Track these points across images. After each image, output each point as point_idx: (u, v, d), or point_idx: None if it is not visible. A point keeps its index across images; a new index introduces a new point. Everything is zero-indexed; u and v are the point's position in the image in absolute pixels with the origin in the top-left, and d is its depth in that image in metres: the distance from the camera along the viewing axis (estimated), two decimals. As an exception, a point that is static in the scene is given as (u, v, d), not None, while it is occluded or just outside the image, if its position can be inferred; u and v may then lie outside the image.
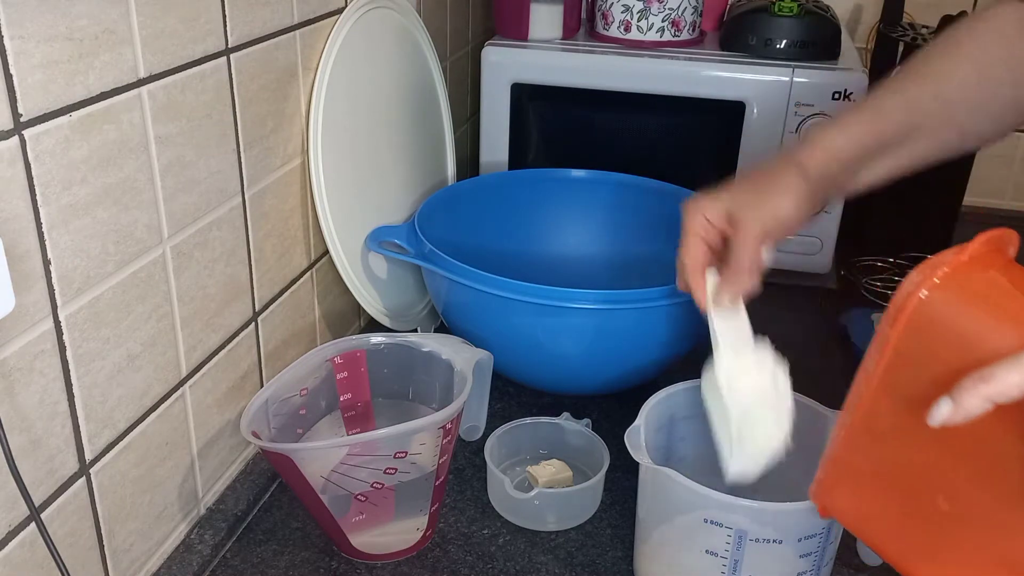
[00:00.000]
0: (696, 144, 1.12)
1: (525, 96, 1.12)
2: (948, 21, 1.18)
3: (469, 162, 1.30)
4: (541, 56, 1.10)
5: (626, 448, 0.62)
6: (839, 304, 1.07)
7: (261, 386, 0.77)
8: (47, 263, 0.51)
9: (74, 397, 0.55)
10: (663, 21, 1.12)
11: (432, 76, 1.02)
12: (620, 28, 1.13)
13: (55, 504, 0.55)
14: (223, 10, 0.65)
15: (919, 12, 1.32)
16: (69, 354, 0.54)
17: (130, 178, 0.57)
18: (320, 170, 0.80)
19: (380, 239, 0.86)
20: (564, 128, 1.15)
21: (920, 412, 0.47)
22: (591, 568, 0.69)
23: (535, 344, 0.81)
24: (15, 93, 0.47)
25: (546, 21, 1.13)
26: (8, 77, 0.47)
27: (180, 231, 0.63)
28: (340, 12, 0.83)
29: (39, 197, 0.50)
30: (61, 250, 0.52)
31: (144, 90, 0.58)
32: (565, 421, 0.79)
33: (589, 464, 0.77)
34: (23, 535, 0.52)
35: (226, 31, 0.66)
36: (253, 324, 0.76)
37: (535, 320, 0.78)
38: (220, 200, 0.68)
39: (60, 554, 0.49)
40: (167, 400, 0.65)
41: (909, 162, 0.71)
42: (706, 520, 0.59)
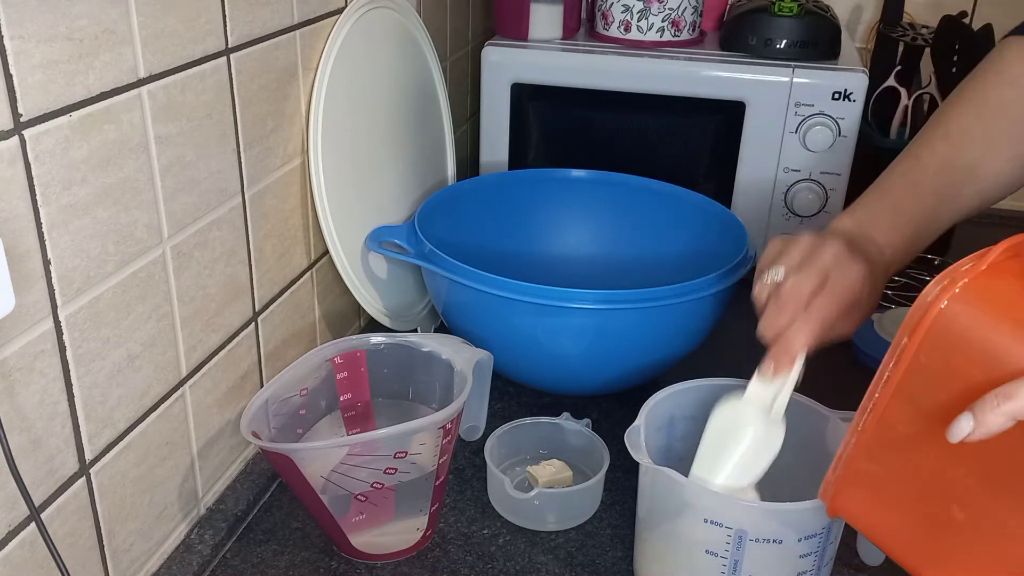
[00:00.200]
0: (696, 144, 1.12)
1: (525, 96, 1.12)
2: (948, 21, 1.18)
3: (469, 162, 1.30)
4: (541, 56, 1.10)
5: (626, 448, 0.62)
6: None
7: (261, 386, 0.77)
8: (47, 263, 0.51)
9: (74, 397, 0.55)
10: (663, 21, 1.12)
11: (432, 76, 1.02)
12: (620, 28, 1.13)
13: (55, 504, 0.55)
14: (223, 10, 0.65)
15: (919, 12, 1.32)
16: (69, 354, 0.54)
17: (130, 178, 0.57)
18: (320, 170, 0.80)
19: (380, 239, 0.86)
20: (564, 128, 1.15)
21: (937, 422, 0.47)
22: (591, 568, 0.69)
23: (535, 344, 0.81)
24: (15, 93, 0.47)
25: (546, 21, 1.13)
26: (8, 77, 0.47)
27: (180, 231, 0.63)
28: (340, 12, 0.83)
29: (39, 197, 0.50)
30: (61, 250, 0.52)
31: (144, 90, 0.58)
32: (565, 421, 0.80)
33: (589, 464, 0.77)
34: (23, 535, 0.52)
35: (226, 31, 0.66)
36: (253, 324, 0.76)
37: (535, 320, 0.78)
38: (220, 200, 0.68)
39: (60, 554, 0.49)
40: (167, 400, 0.65)
41: (935, 238, 0.74)
42: (706, 520, 0.59)
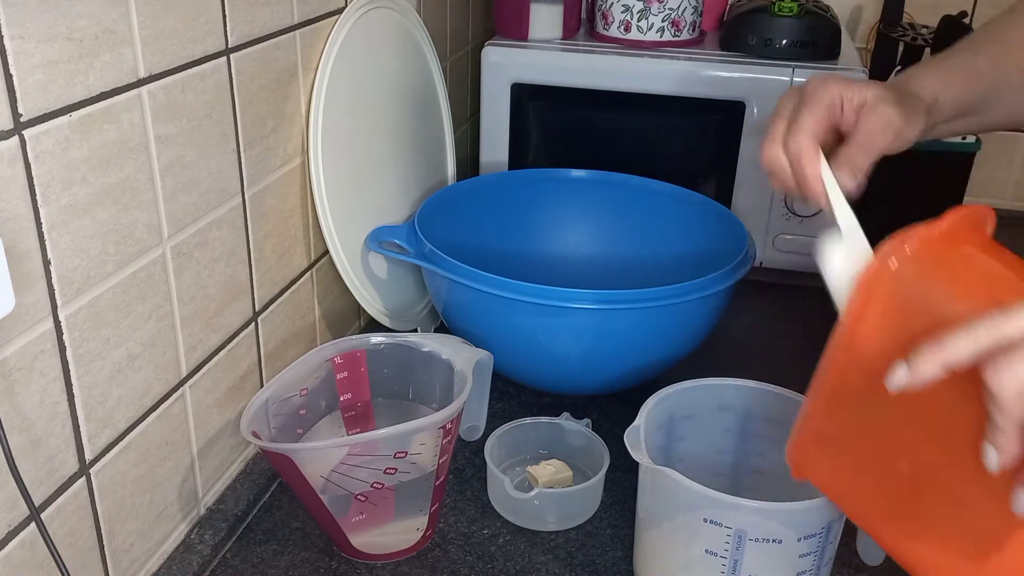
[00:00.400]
0: (696, 144, 1.12)
1: (525, 96, 1.12)
2: (948, 21, 1.18)
3: (469, 162, 1.30)
4: (541, 56, 1.10)
5: (626, 448, 0.62)
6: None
7: (261, 386, 0.77)
8: (47, 263, 0.51)
9: (74, 397, 0.55)
10: (663, 21, 1.12)
11: (432, 76, 1.02)
12: (620, 28, 1.13)
13: (55, 504, 0.55)
14: (223, 10, 0.65)
15: (919, 12, 1.32)
16: (69, 354, 0.54)
17: (130, 178, 0.57)
18: (320, 170, 0.80)
19: (380, 239, 0.86)
20: (564, 128, 1.15)
21: (884, 378, 0.48)
22: (591, 568, 0.69)
23: (535, 344, 0.81)
24: (15, 93, 0.47)
25: (546, 21, 1.13)
26: (8, 77, 0.47)
27: (180, 231, 0.63)
28: (340, 12, 0.83)
29: (39, 197, 0.50)
30: (61, 250, 0.52)
31: (144, 90, 0.58)
32: (565, 421, 0.80)
33: (589, 464, 0.77)
34: (23, 535, 0.52)
35: (226, 31, 0.66)
36: (253, 324, 0.76)
37: (535, 320, 0.78)
38: (220, 200, 0.68)
39: (60, 554, 0.49)
40: (167, 400, 0.65)
41: (980, 127, 0.72)
42: (706, 520, 0.59)
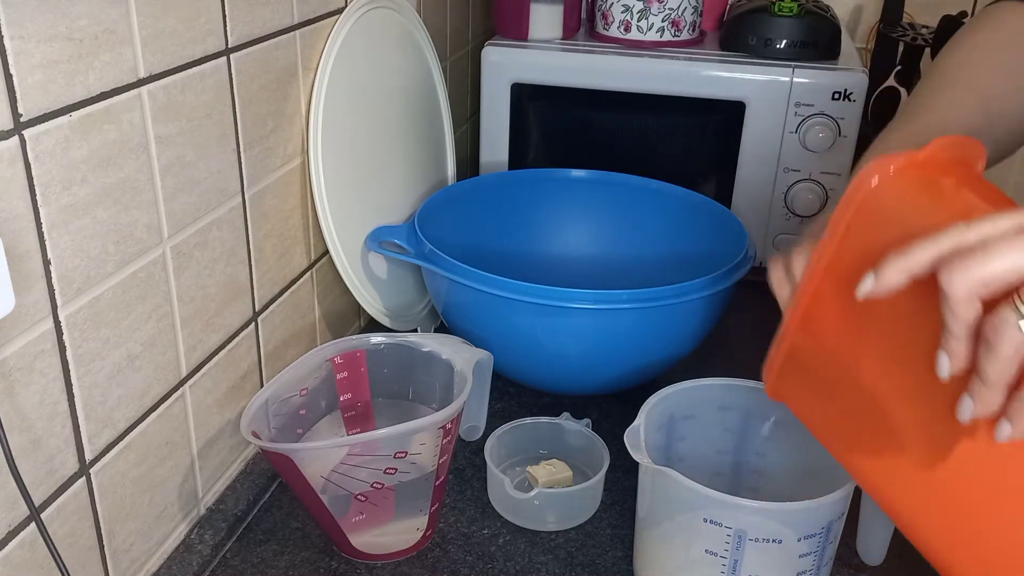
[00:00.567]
0: (696, 144, 1.12)
1: (525, 96, 1.12)
2: (948, 21, 1.18)
3: (469, 162, 1.30)
4: (541, 56, 1.10)
5: (626, 448, 0.62)
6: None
7: (261, 386, 0.77)
8: (47, 263, 0.51)
9: (74, 397, 0.55)
10: (663, 21, 1.12)
11: (432, 76, 1.02)
12: (620, 28, 1.13)
13: (55, 504, 0.55)
14: (223, 10, 0.65)
15: (919, 12, 1.32)
16: (69, 354, 0.54)
17: (130, 178, 0.57)
18: (320, 170, 0.80)
19: (380, 239, 0.86)
20: (564, 128, 1.15)
21: (854, 294, 0.48)
22: (591, 568, 0.69)
23: (535, 344, 0.81)
24: (15, 93, 0.47)
25: (546, 21, 1.13)
26: (8, 77, 0.47)
27: (180, 231, 0.63)
28: (340, 12, 0.83)
29: (39, 197, 0.50)
30: (61, 250, 0.52)
31: (144, 90, 0.58)
32: (565, 421, 0.80)
33: (589, 464, 0.77)
34: (23, 535, 0.52)
35: (226, 31, 0.66)
36: (253, 324, 0.76)
37: (535, 320, 0.78)
38: (220, 200, 0.68)
39: (60, 554, 0.49)
40: (167, 400, 0.65)
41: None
42: (706, 520, 0.59)
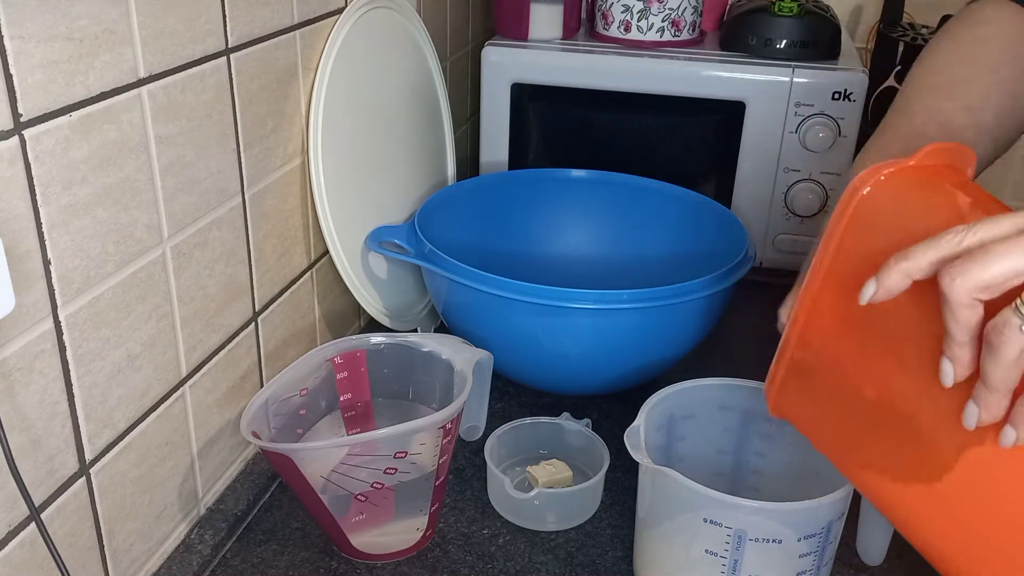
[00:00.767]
0: (696, 144, 1.12)
1: (525, 96, 1.12)
2: (948, 21, 1.18)
3: (469, 162, 1.30)
4: (541, 56, 1.10)
5: (626, 448, 0.62)
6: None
7: (261, 386, 0.77)
8: (47, 263, 0.51)
9: (74, 397, 0.55)
10: (663, 21, 1.12)
11: (432, 76, 1.02)
12: (620, 28, 1.13)
13: (55, 504, 0.55)
14: (223, 10, 0.65)
15: (919, 12, 1.32)
16: (69, 354, 0.54)
17: (130, 178, 0.57)
18: (320, 170, 0.80)
19: (380, 239, 0.86)
20: (564, 128, 1.15)
21: (856, 301, 0.48)
22: (591, 568, 0.69)
23: (535, 344, 0.81)
24: (15, 93, 0.47)
25: (546, 21, 1.13)
26: (8, 77, 0.47)
27: (180, 231, 0.63)
28: (340, 12, 0.83)
29: (39, 197, 0.50)
30: (61, 250, 0.52)
31: (144, 90, 0.58)
32: (565, 421, 0.80)
33: (589, 464, 0.77)
34: (23, 535, 0.52)
35: (226, 31, 0.66)
36: (253, 324, 0.76)
37: (535, 320, 0.78)
38: (220, 200, 0.68)
39: (60, 554, 0.49)
40: (167, 400, 0.65)
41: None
42: (706, 520, 0.59)
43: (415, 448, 0.65)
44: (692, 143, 1.12)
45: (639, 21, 1.12)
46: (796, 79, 1.03)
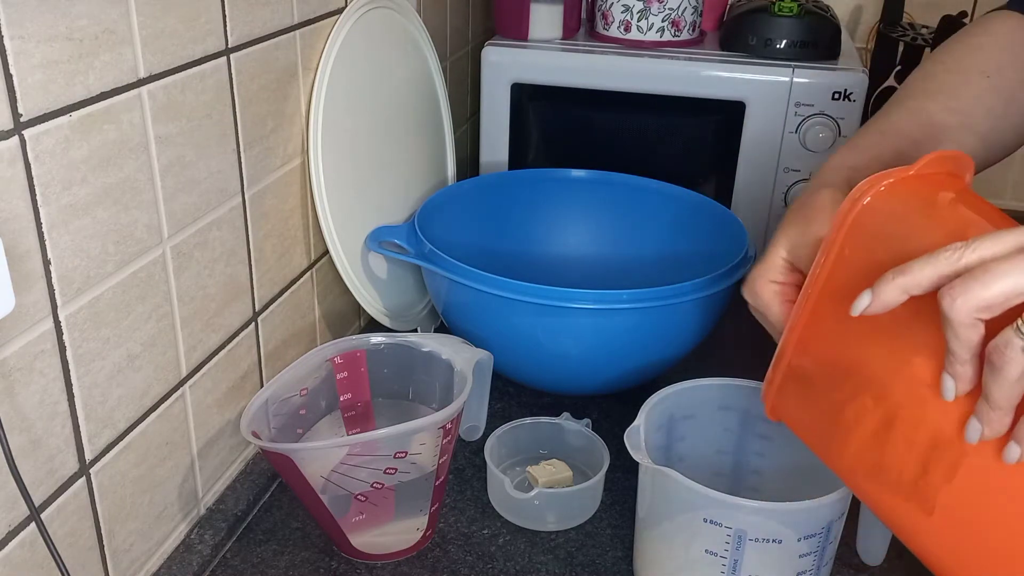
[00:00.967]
0: (696, 144, 1.12)
1: (525, 96, 1.12)
2: (948, 21, 1.18)
3: (469, 162, 1.30)
4: (541, 56, 1.10)
5: (626, 448, 0.62)
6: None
7: (261, 386, 0.77)
8: (47, 263, 0.51)
9: (74, 397, 0.55)
10: (663, 21, 1.12)
11: (432, 76, 1.02)
12: (620, 28, 1.13)
13: (55, 504, 0.55)
14: (223, 10, 0.65)
15: (919, 12, 1.32)
16: (69, 354, 0.54)
17: (130, 178, 0.57)
18: (320, 170, 0.80)
19: (380, 239, 0.86)
20: (564, 128, 1.15)
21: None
22: (591, 568, 0.69)
23: (535, 344, 0.81)
24: (15, 93, 0.47)
25: (546, 21, 1.13)
26: (8, 77, 0.47)
27: (180, 231, 0.63)
28: (340, 12, 0.83)
29: (39, 197, 0.50)
30: (61, 250, 0.52)
31: (144, 90, 0.58)
32: (565, 421, 0.80)
33: (589, 464, 0.77)
34: (23, 535, 0.52)
35: (226, 31, 0.66)
36: (253, 324, 0.76)
37: (535, 320, 0.78)
38: (220, 200, 0.68)
39: (60, 554, 0.49)
40: (167, 400, 0.65)
41: None
42: (706, 520, 0.59)
43: (415, 448, 0.65)
44: (692, 143, 1.12)
45: (639, 21, 1.12)
46: (796, 79, 1.03)
